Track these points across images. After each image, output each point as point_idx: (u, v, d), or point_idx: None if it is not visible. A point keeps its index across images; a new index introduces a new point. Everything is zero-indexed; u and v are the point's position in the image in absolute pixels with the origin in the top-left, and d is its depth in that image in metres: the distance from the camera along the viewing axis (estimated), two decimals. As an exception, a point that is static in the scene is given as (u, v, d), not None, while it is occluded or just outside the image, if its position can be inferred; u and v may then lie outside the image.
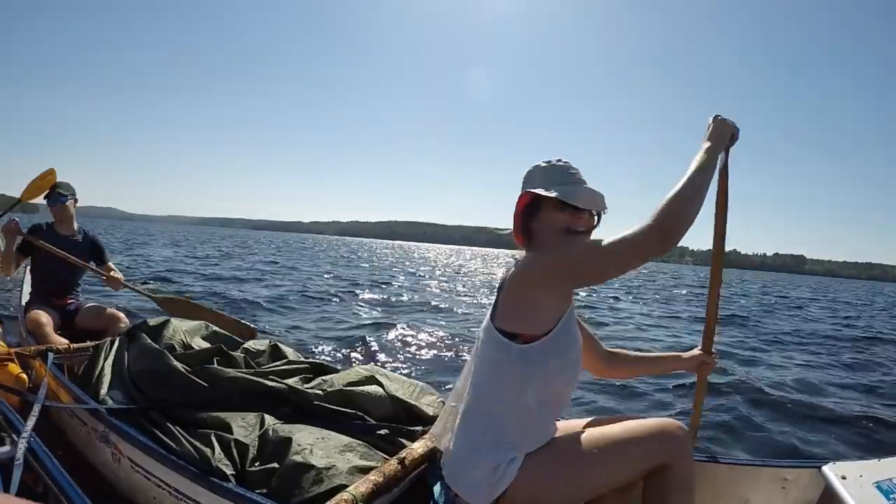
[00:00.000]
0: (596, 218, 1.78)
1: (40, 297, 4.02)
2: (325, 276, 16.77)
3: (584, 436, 1.72)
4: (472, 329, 7.80)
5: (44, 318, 3.68)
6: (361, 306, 9.98)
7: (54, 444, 2.70)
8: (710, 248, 1.98)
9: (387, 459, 2.13)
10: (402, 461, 2.07)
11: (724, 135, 1.67)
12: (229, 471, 2.05)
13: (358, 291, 12.98)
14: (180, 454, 2.14)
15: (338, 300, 10.96)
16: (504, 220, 1.86)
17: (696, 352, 2.07)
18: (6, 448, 2.07)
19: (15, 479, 1.71)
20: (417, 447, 2.20)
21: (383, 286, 14.85)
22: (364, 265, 25.63)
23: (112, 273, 4.25)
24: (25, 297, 4.40)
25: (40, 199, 4.08)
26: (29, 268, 4.39)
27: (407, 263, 31.56)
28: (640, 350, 2.41)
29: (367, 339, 6.93)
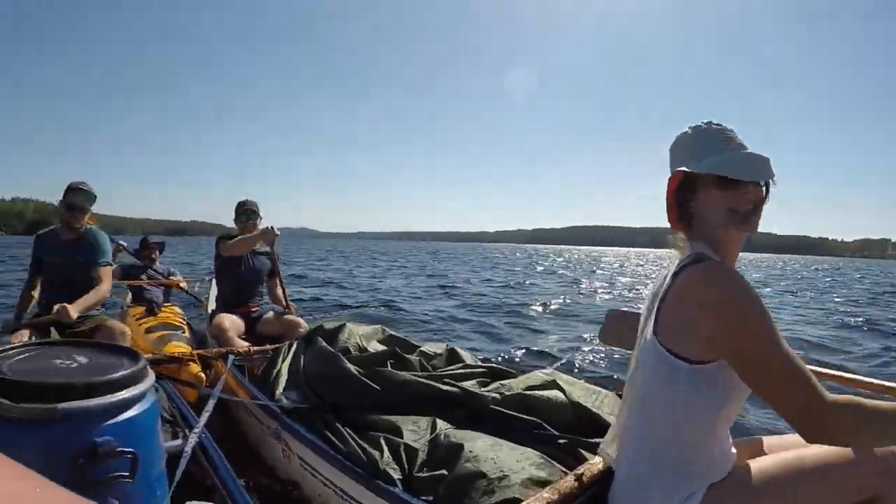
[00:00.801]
0: (764, 189, 1.38)
1: (225, 305, 4.30)
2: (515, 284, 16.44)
3: (773, 465, 1.42)
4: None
5: (227, 323, 3.91)
6: (546, 314, 9.63)
7: (227, 439, 2.78)
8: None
9: (564, 473, 1.91)
10: (579, 478, 1.81)
11: None
12: (396, 475, 1.94)
13: (546, 298, 12.66)
14: (348, 455, 2.07)
15: (525, 306, 10.69)
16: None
17: None
18: (177, 442, 2.11)
19: (179, 471, 1.69)
20: (597, 462, 1.95)
21: (571, 291, 14.27)
22: (551, 272, 24.97)
23: (279, 291, 4.54)
24: (212, 306, 4.77)
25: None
26: (214, 279, 4.77)
27: (589, 267, 30.22)
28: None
29: (550, 343, 6.67)
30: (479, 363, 2.93)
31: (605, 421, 2.28)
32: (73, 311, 3.13)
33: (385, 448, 2.06)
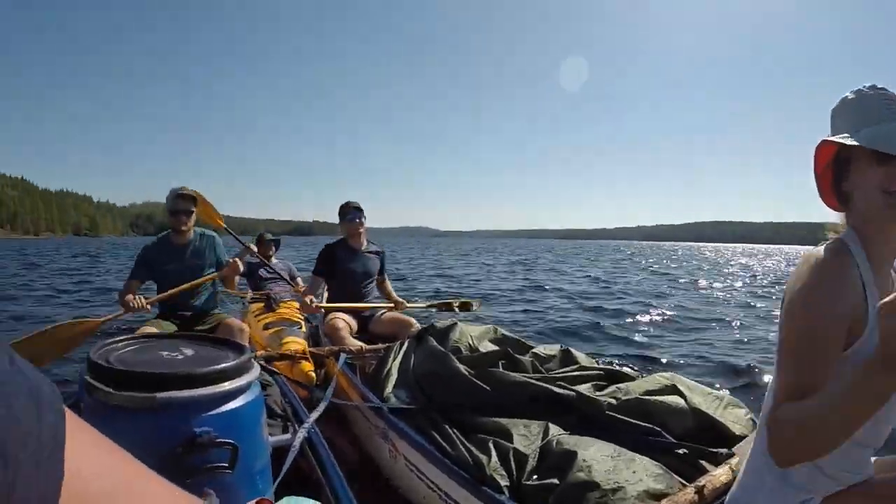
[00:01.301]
0: None
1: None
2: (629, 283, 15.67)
3: None
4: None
5: (340, 322, 3.95)
6: (667, 311, 9.10)
7: (335, 435, 2.78)
8: None
9: (683, 485, 1.76)
10: (700, 490, 1.67)
11: None
12: (504, 482, 1.84)
13: (667, 297, 12.06)
14: (455, 458, 2.00)
15: (640, 305, 10.25)
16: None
17: None
18: (286, 436, 2.13)
19: (286, 465, 1.70)
20: (720, 474, 1.79)
21: (692, 291, 13.40)
22: (671, 270, 23.69)
23: (386, 290, 4.54)
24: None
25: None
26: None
27: (709, 266, 28.18)
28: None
29: (667, 345, 6.27)
30: (595, 365, 2.78)
31: (727, 430, 2.10)
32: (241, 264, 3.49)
33: (493, 452, 1.97)
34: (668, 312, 9.14)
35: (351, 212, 4.32)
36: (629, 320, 8.24)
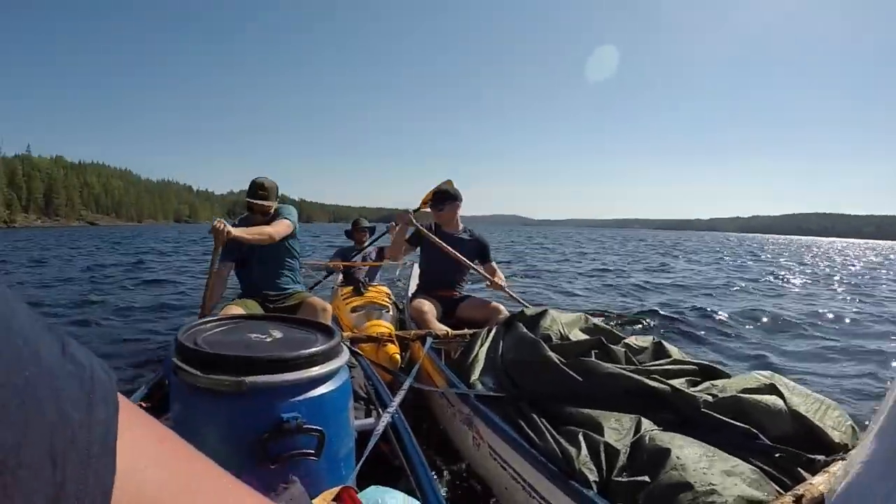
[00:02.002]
0: None
1: (426, 290, 4.34)
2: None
3: None
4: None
5: (426, 306, 3.94)
6: (765, 314, 8.60)
7: (418, 419, 2.78)
8: None
9: (780, 494, 1.65)
10: (798, 499, 1.56)
11: None
12: (592, 476, 1.77)
13: (766, 294, 11.34)
14: (542, 449, 1.95)
15: (741, 300, 9.72)
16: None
17: None
18: (370, 420, 2.13)
19: (367, 449, 1.69)
20: (818, 482, 1.66)
21: (793, 289, 12.53)
22: (771, 264, 22.31)
23: (496, 278, 4.31)
24: (412, 289, 4.86)
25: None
26: (417, 263, 4.84)
27: (821, 259, 26.17)
28: None
29: (767, 341, 5.93)
30: (689, 359, 2.63)
31: (826, 436, 1.95)
32: (234, 231, 3.22)
33: (583, 445, 1.90)
34: (769, 308, 8.64)
35: (447, 195, 4.31)
36: (728, 315, 7.84)
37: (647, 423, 2.01)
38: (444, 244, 4.13)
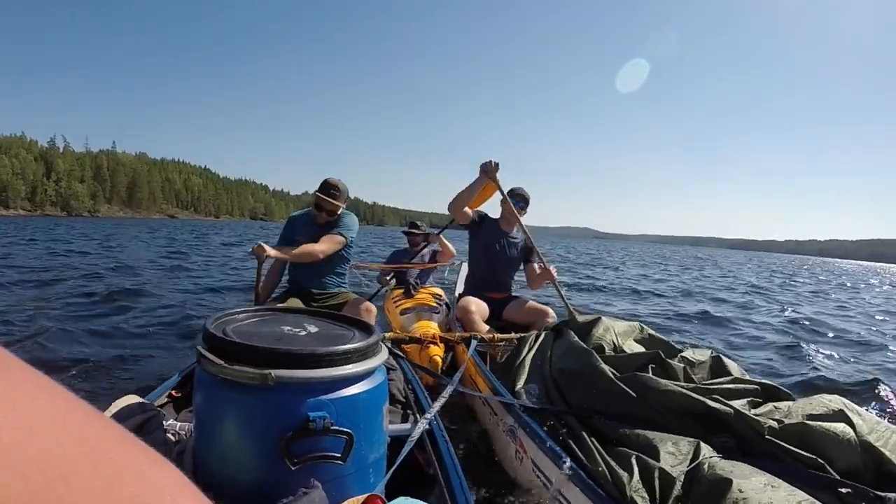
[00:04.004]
0: None
1: (474, 290, 4.26)
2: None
3: None
4: None
5: (473, 307, 3.87)
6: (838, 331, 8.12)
7: (457, 425, 2.66)
8: None
9: None
10: None
11: None
12: None
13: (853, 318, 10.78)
14: (590, 471, 1.85)
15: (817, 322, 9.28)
16: None
17: None
18: (406, 425, 2.04)
19: (400, 457, 1.61)
20: None
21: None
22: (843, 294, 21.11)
23: (550, 269, 4.10)
24: (460, 289, 4.81)
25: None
26: (466, 262, 4.74)
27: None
28: None
29: (835, 364, 5.63)
30: (749, 378, 2.47)
31: None
32: (273, 252, 3.29)
33: (636, 470, 1.78)
34: (841, 331, 8.21)
35: (517, 198, 4.19)
36: (795, 336, 7.47)
37: (705, 449, 1.87)
38: (514, 209, 4.07)
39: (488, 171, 3.88)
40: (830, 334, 8.19)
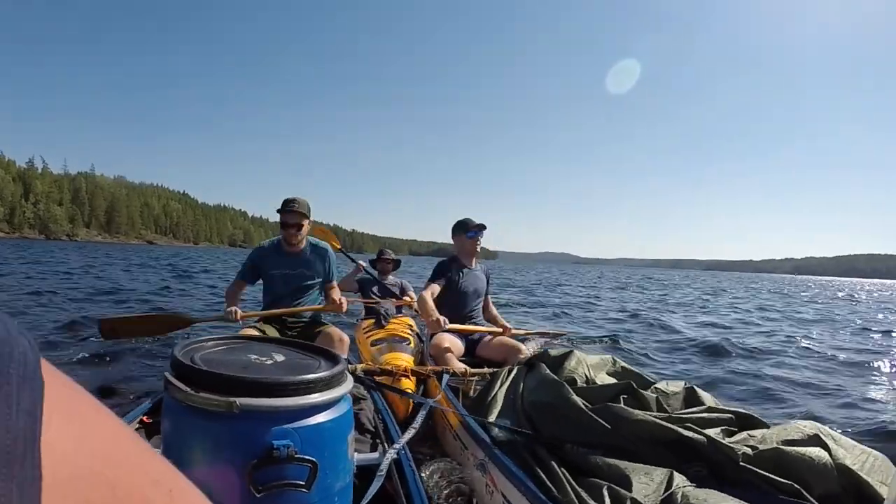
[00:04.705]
0: None
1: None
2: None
3: None
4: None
5: (447, 342, 3.89)
6: (811, 350, 8.26)
7: (427, 460, 2.65)
8: None
9: None
10: None
11: None
12: None
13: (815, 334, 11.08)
14: (561, 502, 1.83)
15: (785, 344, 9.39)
16: None
17: None
18: (374, 455, 2.04)
19: (372, 489, 1.60)
20: None
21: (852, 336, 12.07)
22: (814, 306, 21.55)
23: (507, 326, 4.35)
24: None
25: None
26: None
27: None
28: None
29: (811, 391, 5.65)
30: (723, 406, 2.49)
31: (875, 492, 1.81)
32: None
33: (607, 499, 1.78)
34: (819, 353, 8.32)
35: (473, 229, 4.29)
36: (765, 360, 7.56)
37: (679, 478, 1.87)
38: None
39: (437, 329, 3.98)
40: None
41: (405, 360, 3.76)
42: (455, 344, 3.98)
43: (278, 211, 3.79)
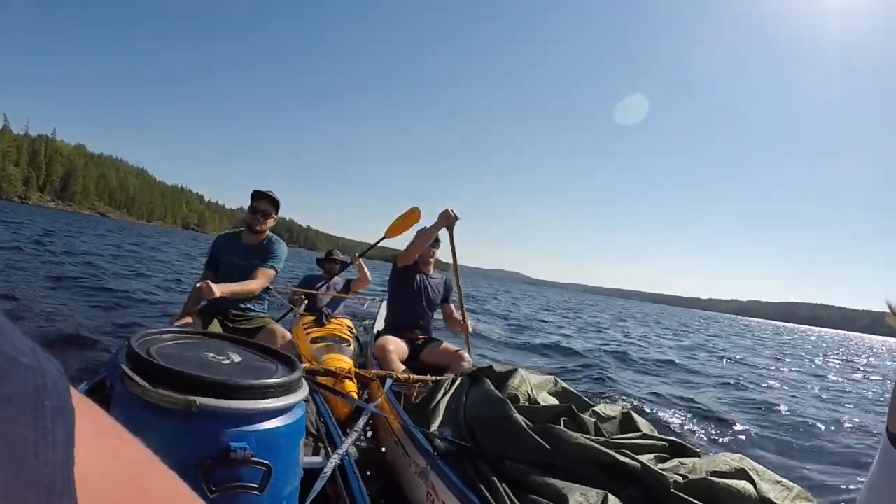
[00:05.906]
0: None
1: (394, 329, 4.32)
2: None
3: None
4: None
5: (391, 345, 3.91)
6: (746, 385, 8.76)
7: (369, 465, 2.68)
8: None
9: None
10: None
11: None
12: None
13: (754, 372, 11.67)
14: None
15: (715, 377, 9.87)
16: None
17: None
18: (318, 459, 2.06)
19: (315, 489, 1.63)
20: None
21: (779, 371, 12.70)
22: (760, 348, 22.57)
23: (468, 323, 4.47)
24: (379, 326, 4.85)
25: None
26: (386, 300, 4.83)
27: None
28: None
29: (741, 422, 5.92)
30: (657, 434, 2.62)
31: None
32: (217, 290, 3.20)
33: None
34: (748, 389, 8.70)
35: (435, 242, 4.33)
36: (700, 391, 7.87)
37: (613, 500, 1.97)
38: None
39: (448, 222, 4.08)
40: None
41: (347, 362, 3.76)
42: (399, 346, 4.01)
43: (252, 196, 3.76)
